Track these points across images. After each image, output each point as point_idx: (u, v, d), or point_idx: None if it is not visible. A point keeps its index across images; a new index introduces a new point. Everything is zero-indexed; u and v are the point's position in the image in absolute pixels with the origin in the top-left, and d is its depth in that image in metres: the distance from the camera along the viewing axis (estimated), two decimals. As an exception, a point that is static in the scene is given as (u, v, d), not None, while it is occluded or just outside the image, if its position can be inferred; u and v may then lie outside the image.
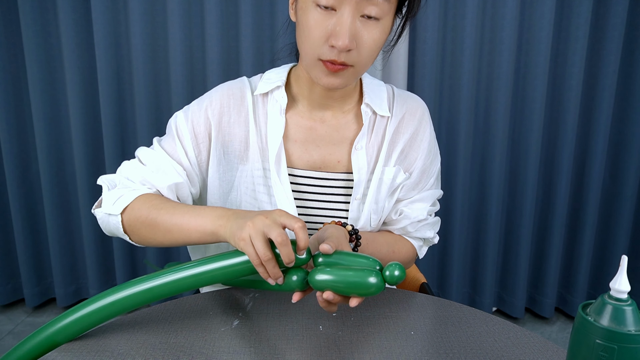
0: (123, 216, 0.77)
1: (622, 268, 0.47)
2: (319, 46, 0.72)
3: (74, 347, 0.66)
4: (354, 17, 0.70)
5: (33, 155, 1.89)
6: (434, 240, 0.95)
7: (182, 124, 0.83)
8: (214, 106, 0.83)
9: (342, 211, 0.85)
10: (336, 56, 0.71)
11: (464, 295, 2.01)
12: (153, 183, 0.80)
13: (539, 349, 0.66)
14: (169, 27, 1.70)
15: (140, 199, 0.77)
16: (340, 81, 0.75)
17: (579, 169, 1.90)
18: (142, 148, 0.85)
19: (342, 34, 0.69)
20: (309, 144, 0.85)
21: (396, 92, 0.89)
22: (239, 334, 0.69)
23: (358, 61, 0.73)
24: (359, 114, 0.86)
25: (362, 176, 0.84)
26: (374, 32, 0.72)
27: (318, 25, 0.71)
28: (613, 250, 1.94)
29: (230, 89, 0.85)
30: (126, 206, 0.77)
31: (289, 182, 0.83)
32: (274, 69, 0.88)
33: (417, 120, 0.87)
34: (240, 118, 0.83)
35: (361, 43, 0.72)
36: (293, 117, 0.85)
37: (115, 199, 0.78)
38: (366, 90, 0.86)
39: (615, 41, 1.73)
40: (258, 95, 0.85)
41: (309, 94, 0.83)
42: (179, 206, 0.75)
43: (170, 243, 0.75)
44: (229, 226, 0.67)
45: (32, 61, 1.75)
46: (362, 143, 0.84)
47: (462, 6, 1.69)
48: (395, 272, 0.62)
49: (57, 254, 1.92)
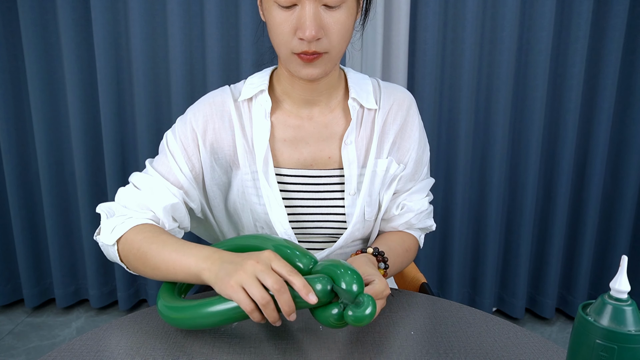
0: (119, 246, 0.77)
1: (622, 268, 0.47)
2: (289, 41, 0.73)
3: (74, 347, 0.66)
4: (316, 7, 0.71)
5: (33, 155, 1.89)
6: (432, 228, 0.96)
7: (172, 142, 0.84)
8: (197, 117, 0.84)
9: (337, 207, 0.86)
10: (307, 47, 0.72)
11: (464, 295, 2.01)
12: (149, 206, 0.80)
13: (539, 349, 0.66)
14: (169, 27, 1.70)
15: (134, 230, 0.76)
16: (319, 70, 0.76)
17: (579, 169, 1.90)
18: (136, 173, 0.85)
19: (307, 25, 0.70)
20: (298, 142, 0.85)
21: (382, 84, 0.90)
22: (239, 334, 0.69)
23: (330, 47, 0.74)
24: (346, 109, 0.87)
25: (353, 170, 0.85)
26: (338, 17, 0.73)
27: (283, 22, 0.72)
28: (613, 250, 1.94)
29: (210, 99, 0.86)
30: (120, 237, 0.76)
31: (277, 186, 0.83)
32: (257, 74, 0.89)
33: (405, 111, 0.88)
34: (224, 125, 0.84)
35: (328, 29, 0.73)
36: (280, 118, 0.85)
37: (111, 228, 0.77)
38: (351, 84, 0.86)
39: (615, 41, 1.73)
40: (243, 100, 0.85)
41: (292, 91, 0.84)
42: (169, 242, 0.73)
43: (160, 278, 0.74)
44: (214, 270, 0.65)
45: (32, 61, 1.75)
46: (352, 137, 0.85)
47: (462, 6, 1.69)
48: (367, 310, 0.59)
49: (56, 254, 1.92)
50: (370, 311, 0.59)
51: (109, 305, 2.05)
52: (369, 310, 0.59)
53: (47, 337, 1.84)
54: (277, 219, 0.84)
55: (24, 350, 1.76)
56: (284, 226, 0.84)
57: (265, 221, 0.85)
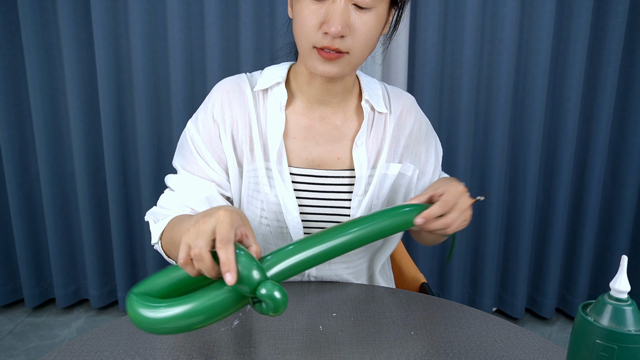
0: (162, 243, 0.80)
1: (622, 268, 0.47)
2: (312, 34, 0.73)
3: (74, 347, 0.66)
4: (346, 5, 0.71)
5: (33, 155, 1.89)
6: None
7: (196, 137, 0.85)
8: (217, 106, 0.85)
9: (343, 208, 0.86)
10: (330, 42, 0.72)
11: (464, 295, 2.01)
12: (185, 204, 0.83)
13: (539, 349, 0.66)
14: (169, 27, 1.70)
15: (169, 223, 0.79)
16: (337, 70, 0.75)
17: (579, 169, 1.90)
18: (170, 176, 0.87)
19: (334, 20, 0.70)
20: (307, 141, 0.85)
21: (389, 89, 0.91)
22: (239, 334, 0.69)
23: (352, 48, 0.74)
24: (358, 111, 0.87)
25: (363, 172, 0.85)
26: (367, 20, 0.73)
27: (311, 14, 0.72)
28: (613, 250, 1.94)
29: (229, 85, 0.86)
30: (160, 234, 0.80)
31: (290, 180, 0.83)
32: (274, 66, 0.89)
33: (413, 117, 0.90)
34: (242, 111, 0.84)
35: (354, 30, 0.73)
36: (292, 115, 0.85)
37: (158, 231, 0.81)
38: (364, 87, 0.87)
39: (615, 41, 1.73)
40: (258, 91, 0.86)
41: (307, 89, 0.84)
42: (185, 219, 0.73)
43: None
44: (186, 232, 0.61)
45: (32, 61, 1.75)
46: (363, 139, 0.85)
47: (462, 6, 1.69)
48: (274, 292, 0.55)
49: (56, 254, 1.92)
50: (279, 296, 0.54)
51: (109, 305, 2.05)
52: (277, 295, 0.54)
53: (47, 337, 1.84)
54: (288, 211, 0.83)
55: (24, 350, 1.76)
56: (296, 219, 0.83)
57: (275, 212, 0.85)
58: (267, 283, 0.55)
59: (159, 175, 1.84)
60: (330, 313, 0.75)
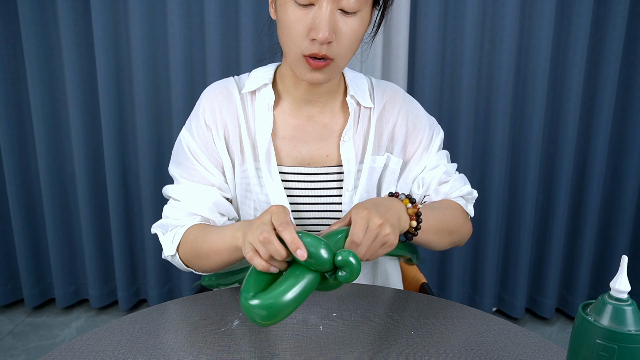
0: (179, 254, 0.83)
1: (622, 268, 0.47)
2: (300, 41, 0.73)
3: (74, 347, 0.66)
4: (332, 11, 0.71)
5: (33, 155, 1.89)
6: (473, 194, 0.95)
7: (192, 143, 0.86)
8: (207, 111, 0.86)
9: (335, 204, 0.86)
10: (317, 49, 0.72)
11: (464, 295, 2.01)
12: (194, 212, 0.84)
13: (539, 349, 0.66)
14: (169, 27, 1.70)
15: (185, 234, 0.82)
16: (324, 76, 0.77)
17: (579, 169, 1.90)
18: (168, 187, 0.88)
19: (321, 27, 0.70)
20: (296, 141, 0.86)
21: (374, 82, 0.92)
22: (239, 334, 0.69)
23: (339, 53, 0.74)
24: (344, 107, 0.88)
25: (351, 167, 0.86)
26: (352, 24, 0.73)
27: (298, 20, 0.72)
28: (613, 250, 1.94)
29: (217, 89, 0.88)
30: (177, 245, 0.82)
31: (279, 179, 0.85)
32: (261, 67, 0.90)
33: (398, 107, 0.89)
34: (231, 114, 0.86)
35: (340, 35, 0.73)
36: (280, 115, 0.87)
37: (170, 241, 0.83)
38: (349, 83, 0.88)
39: (615, 41, 1.73)
40: (246, 93, 0.87)
41: (294, 91, 0.85)
42: (213, 230, 0.79)
43: (215, 267, 0.80)
44: (242, 237, 0.69)
45: (32, 61, 1.75)
46: (350, 134, 0.86)
47: (462, 6, 1.69)
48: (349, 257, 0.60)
49: (56, 254, 1.92)
50: (354, 261, 0.60)
51: (109, 305, 2.05)
52: (353, 260, 0.60)
53: (47, 337, 1.84)
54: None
55: (24, 350, 1.76)
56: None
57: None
58: (341, 251, 0.60)
59: (159, 175, 1.84)
60: (330, 313, 0.75)
